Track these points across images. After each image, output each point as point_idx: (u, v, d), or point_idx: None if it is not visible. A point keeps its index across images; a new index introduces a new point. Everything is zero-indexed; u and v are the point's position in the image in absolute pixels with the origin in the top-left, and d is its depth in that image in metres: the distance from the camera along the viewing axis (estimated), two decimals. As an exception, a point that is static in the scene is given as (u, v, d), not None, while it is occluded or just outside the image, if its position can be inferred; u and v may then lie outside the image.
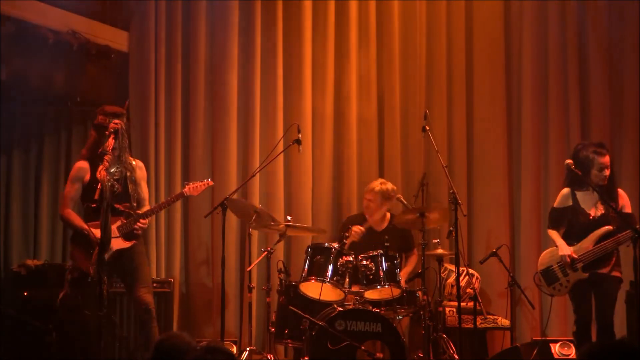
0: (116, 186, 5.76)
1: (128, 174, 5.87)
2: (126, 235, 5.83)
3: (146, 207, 5.99)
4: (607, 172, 5.99)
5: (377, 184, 6.81)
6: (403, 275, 6.48)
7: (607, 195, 5.95)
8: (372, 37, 7.63)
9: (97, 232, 5.46)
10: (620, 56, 7.58)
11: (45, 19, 6.78)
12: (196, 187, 6.16)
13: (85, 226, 5.72)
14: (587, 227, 6.03)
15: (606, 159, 5.99)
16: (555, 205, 6.26)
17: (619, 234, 5.88)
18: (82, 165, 5.86)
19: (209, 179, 6.33)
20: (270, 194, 7.38)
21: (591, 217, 6.05)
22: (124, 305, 6.66)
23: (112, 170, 5.77)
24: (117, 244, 5.76)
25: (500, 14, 7.69)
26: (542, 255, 6.30)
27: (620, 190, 6.12)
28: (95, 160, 5.65)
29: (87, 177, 5.82)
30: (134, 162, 5.97)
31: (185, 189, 6.11)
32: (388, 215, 6.91)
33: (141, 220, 5.84)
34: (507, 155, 7.61)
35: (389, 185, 6.82)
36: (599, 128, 7.53)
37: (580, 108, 7.59)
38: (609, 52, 7.62)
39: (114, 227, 5.68)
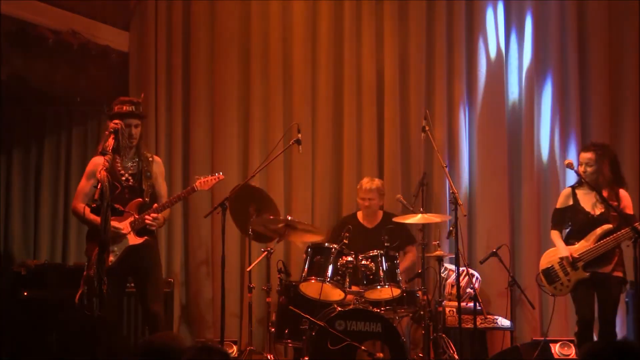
0: (131, 181, 5.77)
1: (144, 169, 5.83)
2: (138, 231, 5.78)
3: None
4: (586, 169, 6.02)
5: (369, 183, 6.85)
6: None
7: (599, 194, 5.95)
8: (372, 37, 7.62)
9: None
10: (620, 55, 7.58)
11: (45, 19, 6.78)
12: (207, 181, 6.01)
13: (97, 219, 5.64)
14: (587, 225, 6.04)
15: (585, 155, 6.05)
16: (557, 206, 6.27)
17: (619, 232, 5.89)
18: (98, 160, 5.80)
19: (220, 173, 6.14)
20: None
21: (591, 215, 6.05)
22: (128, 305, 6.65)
23: (129, 164, 5.80)
24: (130, 239, 5.74)
25: (501, 13, 7.68)
26: (543, 255, 6.31)
27: (622, 191, 6.11)
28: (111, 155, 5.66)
29: None
30: (150, 158, 5.92)
31: (196, 184, 5.98)
32: (380, 212, 6.92)
33: (151, 214, 5.76)
34: (507, 155, 7.60)
35: (378, 180, 6.95)
36: (599, 128, 7.52)
37: (580, 108, 7.59)
38: (609, 51, 7.61)
39: (126, 222, 5.69)
